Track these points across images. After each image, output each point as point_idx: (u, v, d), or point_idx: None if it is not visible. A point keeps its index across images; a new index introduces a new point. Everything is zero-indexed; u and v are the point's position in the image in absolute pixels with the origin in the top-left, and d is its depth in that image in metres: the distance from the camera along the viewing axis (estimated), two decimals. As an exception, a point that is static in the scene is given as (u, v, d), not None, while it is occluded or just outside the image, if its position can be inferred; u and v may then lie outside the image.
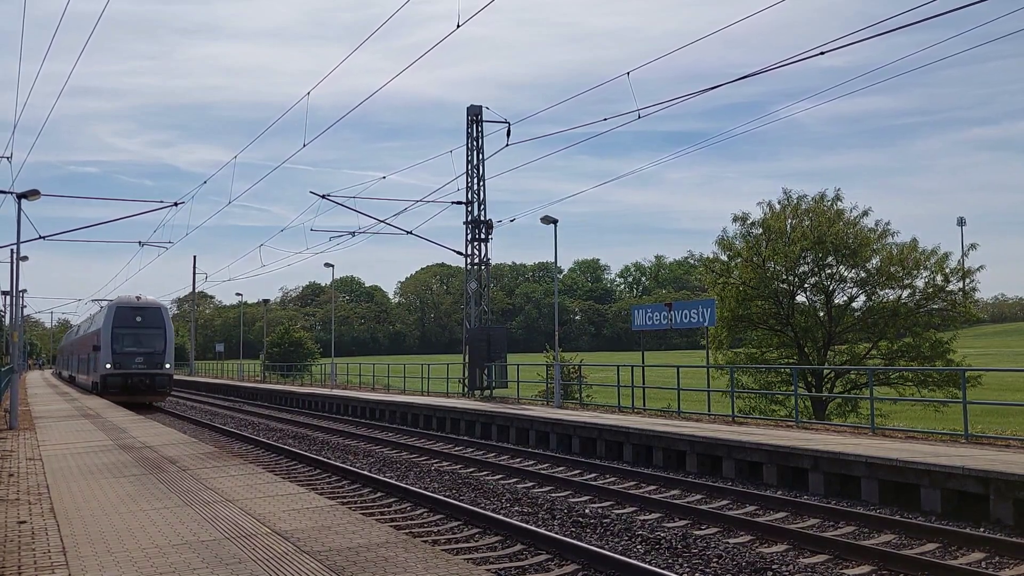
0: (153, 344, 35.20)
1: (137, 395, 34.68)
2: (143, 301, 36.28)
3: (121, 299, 36.35)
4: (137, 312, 35.46)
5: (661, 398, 25.65)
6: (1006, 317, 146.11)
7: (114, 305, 35.81)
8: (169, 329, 35.94)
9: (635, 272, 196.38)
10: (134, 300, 36.12)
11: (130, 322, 34.98)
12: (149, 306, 36.11)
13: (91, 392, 37.93)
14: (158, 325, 35.59)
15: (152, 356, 35.04)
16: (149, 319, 35.48)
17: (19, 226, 22.01)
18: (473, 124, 32.76)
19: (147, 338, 35.18)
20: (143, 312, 35.62)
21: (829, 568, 9.40)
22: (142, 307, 35.85)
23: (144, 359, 34.81)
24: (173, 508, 8.91)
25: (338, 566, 6.33)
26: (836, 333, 30.64)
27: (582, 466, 17.11)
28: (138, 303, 35.96)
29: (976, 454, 13.05)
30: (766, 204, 31.91)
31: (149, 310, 35.86)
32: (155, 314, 35.89)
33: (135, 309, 35.52)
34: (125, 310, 35.36)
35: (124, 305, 35.67)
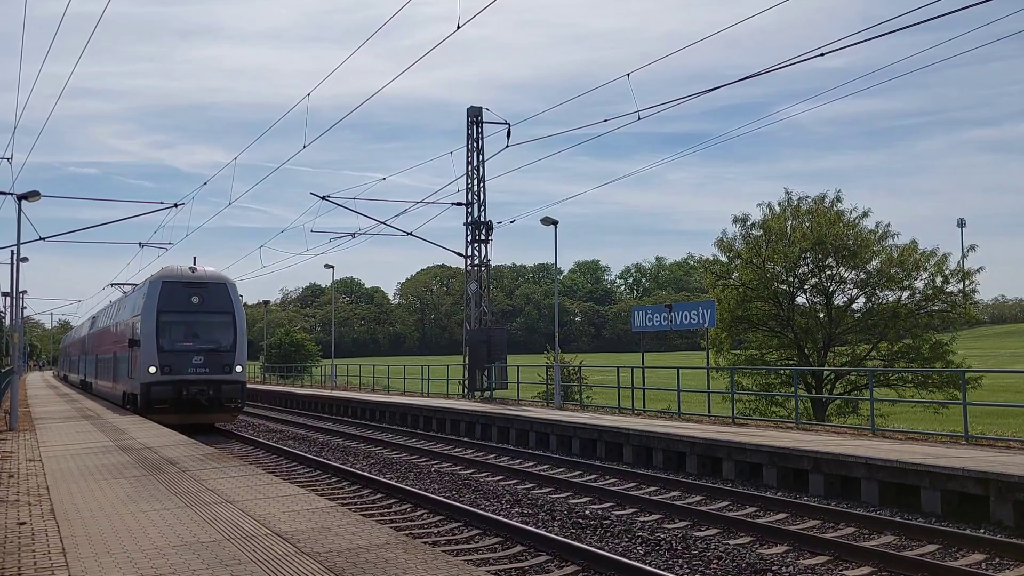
0: (218, 337, 24.16)
1: (195, 413, 23.70)
2: (201, 273, 24.90)
3: (169, 271, 24.86)
4: (194, 290, 24.27)
5: (661, 399, 25.64)
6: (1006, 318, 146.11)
7: (159, 279, 24.26)
8: (239, 315, 24.76)
9: (635, 273, 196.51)
10: (187, 272, 24.67)
11: (184, 304, 24.01)
12: (211, 281, 24.75)
13: (122, 407, 26.57)
14: (224, 308, 24.41)
15: (217, 355, 23.90)
16: (212, 300, 24.37)
17: (19, 227, 22.01)
18: (473, 125, 32.78)
19: (209, 328, 24.24)
20: (203, 290, 24.37)
21: (829, 569, 9.40)
22: (201, 283, 24.47)
23: (205, 359, 23.70)
24: (173, 509, 8.90)
25: (338, 567, 6.33)
26: (836, 334, 30.63)
27: (582, 467, 17.11)
28: (194, 276, 24.61)
29: (976, 455, 13.04)
30: (766, 205, 31.94)
31: (211, 287, 24.53)
32: (219, 293, 24.58)
33: (191, 286, 24.27)
34: (176, 287, 24.06)
35: (174, 279, 24.25)
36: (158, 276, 24.67)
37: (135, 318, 24.84)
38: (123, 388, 26.95)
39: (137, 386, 23.86)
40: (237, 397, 24.34)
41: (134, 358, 24.51)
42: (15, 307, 28.53)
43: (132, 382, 24.85)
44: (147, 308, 23.84)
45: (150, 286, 24.34)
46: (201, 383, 23.48)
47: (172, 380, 23.20)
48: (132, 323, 25.27)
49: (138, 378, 23.70)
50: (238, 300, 24.98)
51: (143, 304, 24.13)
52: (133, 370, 24.62)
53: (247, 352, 25.20)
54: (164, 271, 24.96)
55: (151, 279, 24.78)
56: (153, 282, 24.41)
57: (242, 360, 24.43)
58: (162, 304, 23.78)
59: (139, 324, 23.99)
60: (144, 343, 23.42)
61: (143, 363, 23.32)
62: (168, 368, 23.25)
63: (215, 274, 25.41)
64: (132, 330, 25.05)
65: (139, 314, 24.25)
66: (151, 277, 25.01)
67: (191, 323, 24.18)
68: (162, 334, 23.59)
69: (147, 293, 24.21)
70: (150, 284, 24.50)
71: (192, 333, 24.12)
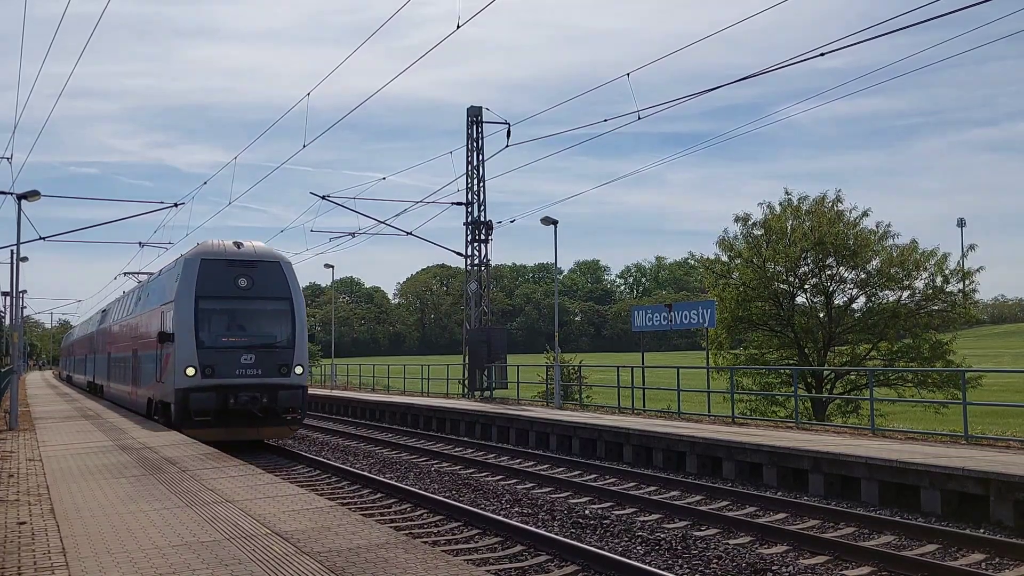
0: (272, 329, 19.32)
1: (245, 427, 18.87)
2: (249, 250, 19.73)
3: (209, 247, 19.69)
4: (241, 270, 19.22)
5: (661, 399, 25.64)
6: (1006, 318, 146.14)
7: (197, 256, 19.27)
8: (298, 301, 19.68)
9: (635, 273, 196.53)
10: (232, 248, 19.59)
11: (229, 287, 19.04)
12: (262, 258, 19.62)
13: (146, 417, 21.70)
14: (279, 293, 19.47)
15: (271, 352, 18.96)
16: (263, 282, 19.37)
17: (19, 227, 22.01)
18: (473, 125, 32.77)
19: (261, 318, 19.47)
20: (252, 270, 19.32)
21: (829, 569, 9.40)
22: (249, 261, 19.41)
23: (257, 359, 18.72)
24: (173, 509, 8.90)
25: (338, 567, 6.33)
26: (836, 334, 30.64)
27: (582, 467, 17.11)
28: (241, 253, 19.51)
29: (976, 455, 13.04)
30: (767, 205, 31.94)
31: (262, 266, 19.48)
32: (272, 274, 19.57)
33: (237, 265, 19.23)
34: (219, 266, 19.11)
35: (216, 256, 19.27)
36: (195, 253, 19.32)
37: (165, 307, 19.64)
38: (148, 394, 21.50)
39: (169, 392, 18.67)
40: (297, 406, 18.94)
41: (164, 357, 19.28)
42: (15, 307, 28.54)
43: (161, 387, 19.60)
44: (182, 293, 18.63)
45: (185, 266, 19.02)
46: (253, 388, 18.28)
47: (216, 385, 18.05)
48: (161, 313, 20.11)
49: (171, 382, 18.56)
50: (296, 283, 19.64)
51: (177, 288, 18.86)
52: (163, 372, 19.42)
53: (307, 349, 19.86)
54: (202, 247, 19.51)
55: (186, 257, 19.41)
56: (189, 261, 19.07)
57: (303, 358, 19.19)
58: (202, 288, 18.62)
59: (172, 314, 18.86)
60: (179, 338, 18.32)
61: (178, 363, 18.22)
62: (210, 370, 18.12)
63: (267, 250, 19.90)
64: (161, 322, 19.93)
65: (171, 301, 19.10)
66: (186, 254, 19.66)
67: (239, 312, 19.12)
68: (202, 326, 18.48)
69: (182, 275, 18.90)
70: (185, 263, 19.09)
71: (239, 325, 19.05)
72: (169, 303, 19.38)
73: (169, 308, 19.27)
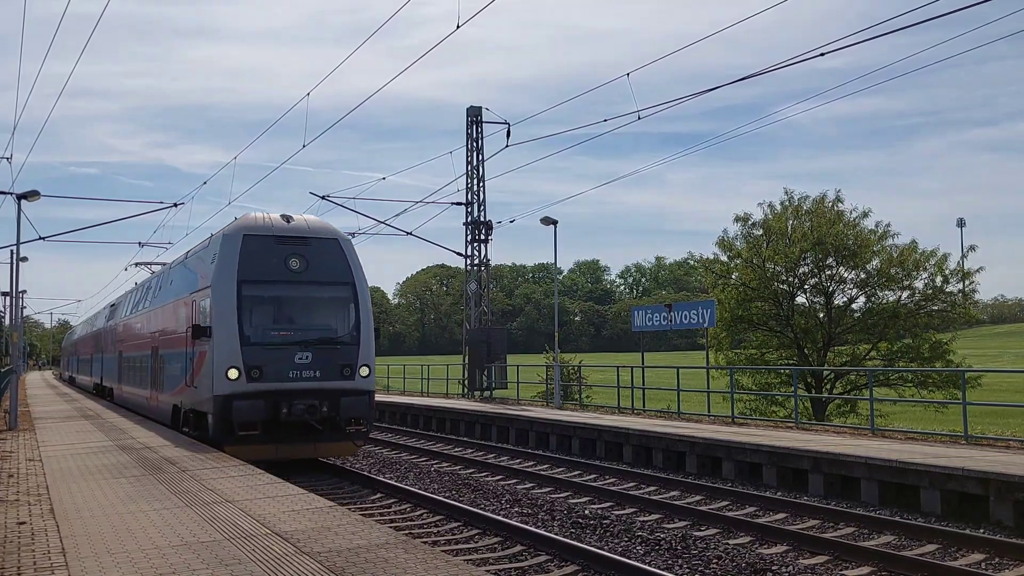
0: (333, 321, 16.15)
1: (300, 443, 15.34)
2: (301, 225, 16.28)
3: (252, 220, 16.13)
4: (293, 248, 15.83)
5: (661, 399, 25.65)
6: (1005, 318, 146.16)
7: (238, 232, 15.83)
8: (362, 287, 16.20)
9: (635, 273, 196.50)
10: (280, 222, 16.07)
11: (278, 270, 15.63)
12: (318, 235, 16.26)
13: (172, 428, 18.15)
14: (339, 277, 16.08)
15: (332, 350, 15.57)
16: (321, 263, 16.00)
17: (19, 227, 22.01)
18: (473, 125, 32.77)
19: (319, 308, 16.31)
20: (306, 249, 15.95)
21: (829, 569, 9.40)
22: (302, 237, 16.02)
23: (315, 358, 15.30)
24: (173, 509, 8.90)
25: (338, 567, 6.33)
26: (836, 334, 30.66)
27: (582, 467, 17.11)
28: (292, 228, 16.07)
29: (976, 455, 13.04)
30: (767, 205, 31.96)
31: (318, 244, 16.13)
32: (331, 253, 16.18)
33: (287, 242, 15.84)
34: (265, 244, 15.71)
35: (262, 231, 15.83)
36: (236, 228, 15.76)
37: (198, 295, 16.22)
38: (174, 401, 17.96)
39: (205, 399, 15.17)
40: (363, 415, 15.53)
41: (197, 356, 15.69)
42: (15, 307, 28.54)
43: (193, 393, 16.07)
44: (221, 277, 15.12)
45: (223, 243, 15.51)
46: (310, 394, 14.82)
47: (265, 391, 14.61)
48: (191, 303, 16.60)
49: (206, 387, 15.05)
50: (358, 264, 16.18)
51: (214, 271, 15.35)
52: (196, 374, 15.79)
53: (374, 345, 16.09)
54: (243, 221, 15.95)
55: (224, 232, 15.92)
56: (229, 237, 15.55)
57: (369, 357, 15.71)
58: (246, 270, 15.15)
59: (208, 303, 15.37)
60: (218, 332, 14.84)
61: (217, 364, 14.70)
62: (257, 372, 14.63)
63: (322, 224, 16.45)
64: (192, 313, 16.36)
65: (205, 287, 15.67)
66: (224, 229, 16.15)
67: (291, 300, 15.76)
68: (247, 318, 15.06)
69: (220, 254, 15.41)
70: (223, 240, 15.59)
71: (292, 316, 15.74)
72: (202, 290, 15.90)
73: (203, 296, 15.78)
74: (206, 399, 15.19)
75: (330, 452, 16.28)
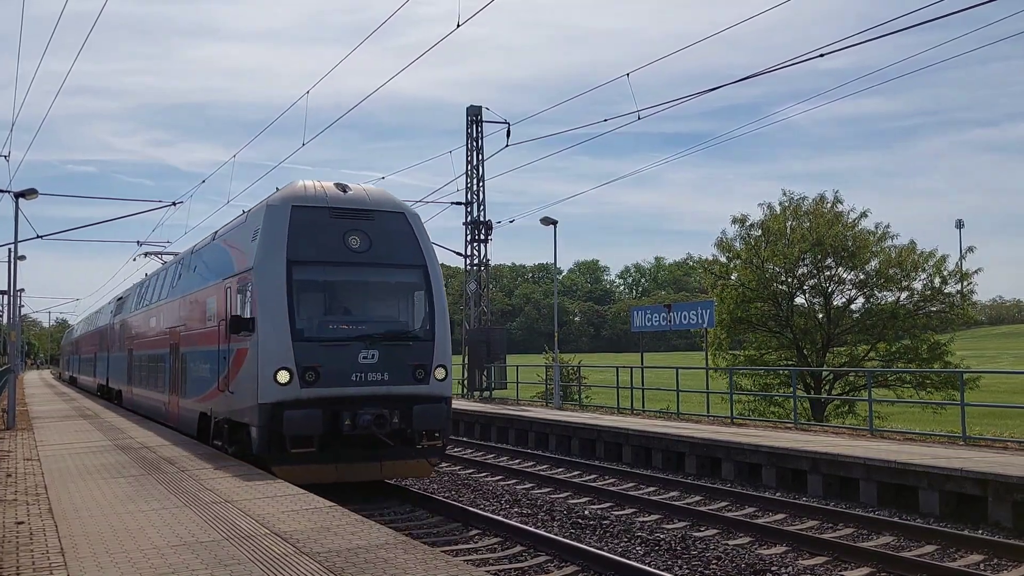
0: (401, 313, 13.68)
1: (364, 460, 12.67)
2: (359, 195, 13.58)
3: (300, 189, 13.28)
4: (352, 223, 13.12)
5: (660, 400, 25.66)
6: (1004, 319, 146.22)
7: (285, 202, 12.98)
8: (435, 271, 13.56)
9: (634, 273, 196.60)
10: (334, 192, 13.37)
11: (335, 248, 12.95)
12: (381, 207, 13.55)
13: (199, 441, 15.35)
14: (410, 259, 13.42)
15: (403, 347, 12.87)
16: (385, 242, 13.29)
17: (17, 225, 22.00)
18: (473, 125, 32.76)
19: (385, 296, 13.74)
20: (367, 224, 13.25)
21: (828, 570, 9.41)
22: (362, 210, 13.33)
23: (382, 357, 12.59)
24: (172, 509, 8.89)
25: (337, 567, 6.32)
26: (835, 335, 30.67)
27: (581, 467, 17.11)
28: (349, 199, 13.36)
29: (974, 456, 13.05)
30: (766, 206, 31.97)
31: (382, 218, 13.43)
32: (397, 230, 13.49)
33: (345, 215, 13.14)
34: (318, 217, 12.98)
35: (314, 203, 13.05)
36: (282, 198, 12.95)
37: (234, 281, 13.45)
38: (202, 408, 15.26)
39: (247, 408, 12.49)
40: (439, 427, 12.81)
41: (235, 355, 13.06)
42: (12, 305, 28.49)
43: (229, 400, 13.35)
44: (267, 257, 12.39)
45: (268, 216, 12.70)
46: (377, 402, 12.22)
47: (322, 397, 12.00)
48: (225, 291, 13.91)
49: (248, 393, 12.37)
50: (429, 244, 13.58)
51: (257, 250, 12.61)
52: (232, 377, 13.15)
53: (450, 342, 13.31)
54: (291, 190, 13.15)
55: (268, 203, 13.00)
56: (275, 208, 12.76)
57: (445, 356, 12.99)
58: (296, 248, 12.45)
59: (250, 290, 12.64)
60: (264, 326, 12.15)
61: (263, 364, 12.01)
62: (313, 374, 12.02)
63: (385, 195, 13.78)
64: (226, 303, 13.76)
65: (246, 270, 12.90)
66: (268, 200, 13.22)
67: (352, 287, 13.14)
68: (301, 308, 12.41)
69: (264, 229, 12.63)
70: (268, 213, 12.76)
71: (354, 306, 13.08)
72: (240, 275, 13.14)
73: (241, 282, 13.02)
74: (247, 407, 12.37)
75: (399, 472, 13.25)
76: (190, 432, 16.13)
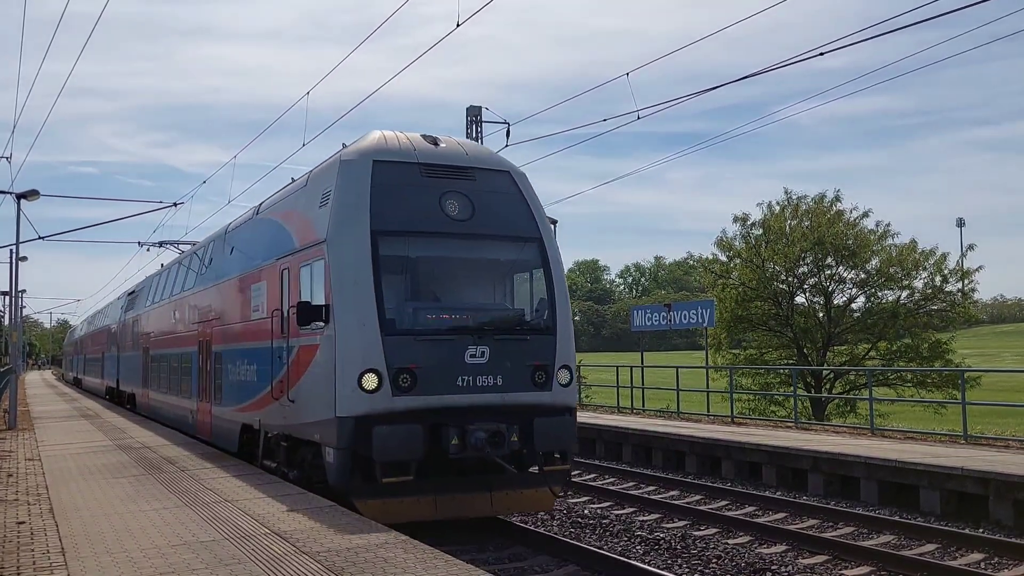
0: (512, 296, 10.98)
1: (473, 490, 9.88)
2: (456, 149, 10.80)
3: (380, 141, 10.48)
4: (449, 184, 10.29)
5: (660, 399, 25.65)
6: (1005, 318, 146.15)
7: (367, 157, 10.14)
8: (551, 245, 10.68)
9: (634, 273, 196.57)
10: (425, 145, 10.56)
11: (430, 217, 10.04)
12: (481, 165, 10.75)
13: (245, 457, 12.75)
14: (523, 230, 10.55)
15: (518, 344, 10.01)
16: (491, 207, 10.42)
17: (18, 226, 22.02)
18: (472, 124, 32.72)
19: (494, 277, 10.99)
20: (469, 184, 10.41)
21: (828, 569, 9.41)
22: (461, 167, 10.52)
23: (492, 356, 9.70)
24: (172, 509, 8.90)
25: (337, 567, 6.32)
26: (835, 334, 30.66)
27: (581, 466, 17.10)
28: (443, 153, 10.57)
29: (975, 455, 13.05)
30: (766, 205, 31.96)
31: (485, 178, 10.61)
32: (504, 193, 10.66)
33: (438, 174, 10.32)
34: (407, 174, 10.15)
35: (400, 158, 10.25)
36: (359, 152, 10.38)
37: (294, 259, 10.87)
38: (246, 418, 12.64)
39: (320, 423, 9.78)
40: (565, 447, 10.23)
41: (298, 353, 10.49)
42: (14, 306, 28.52)
43: (289, 410, 10.64)
44: (344, 224, 9.86)
45: (344, 174, 10.13)
46: (491, 414, 9.63)
47: (423, 409, 9.44)
48: (283, 272, 11.18)
49: (320, 402, 9.77)
50: (543, 212, 10.97)
51: (331, 217, 9.99)
52: (293, 382, 10.56)
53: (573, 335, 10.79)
54: (370, 142, 10.58)
55: (343, 159, 10.36)
56: (351, 165, 10.19)
57: (569, 354, 10.39)
58: (382, 215, 9.87)
59: (318, 268, 10.07)
60: (343, 313, 9.55)
61: (342, 364, 9.44)
62: (409, 378, 9.44)
63: (485, 151, 11.71)
64: (286, 286, 11.04)
65: (314, 243, 10.27)
66: (342, 154, 10.58)
67: (454, 265, 10.65)
68: (390, 292, 9.80)
69: (339, 189, 10.07)
70: (343, 170, 10.17)
71: (454, 289, 10.66)
72: (305, 251, 10.45)
73: (307, 260, 10.35)
74: (318, 422, 9.69)
75: (516, 506, 10.32)
76: (227, 447, 13.63)
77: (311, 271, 10.28)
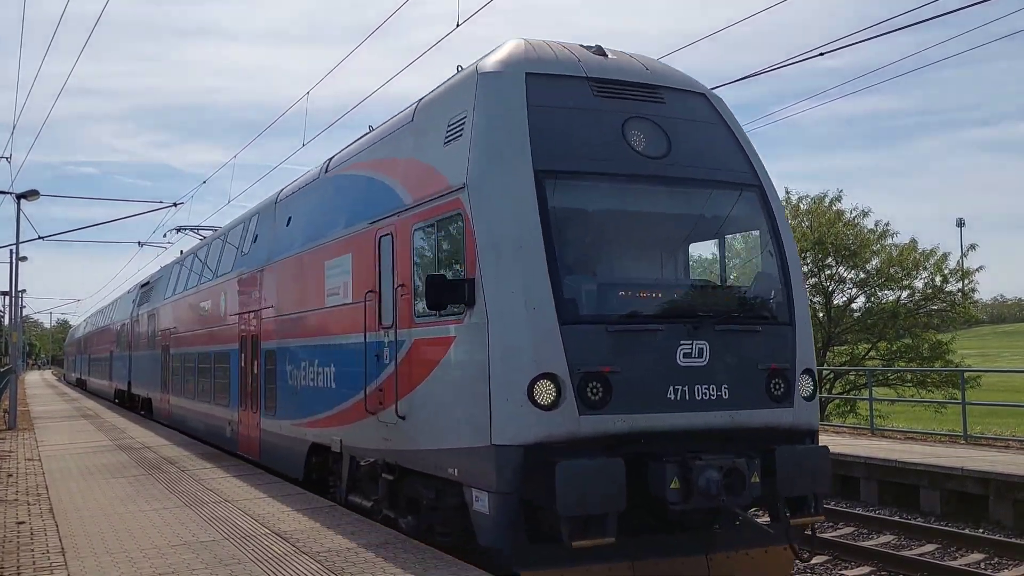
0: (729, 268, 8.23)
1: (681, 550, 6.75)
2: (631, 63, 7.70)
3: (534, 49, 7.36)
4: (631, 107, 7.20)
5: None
6: (1005, 318, 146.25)
7: (519, 67, 7.09)
8: (773, 195, 7.78)
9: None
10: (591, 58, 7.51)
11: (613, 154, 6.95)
12: (667, 83, 7.62)
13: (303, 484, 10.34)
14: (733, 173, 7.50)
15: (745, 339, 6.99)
16: (688, 142, 7.31)
17: (18, 226, 22.06)
18: (473, 125, 32.67)
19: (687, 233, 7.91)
20: (656, 110, 7.30)
21: (828, 569, 9.41)
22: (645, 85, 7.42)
23: (713, 355, 6.70)
24: (172, 509, 8.90)
25: (337, 567, 6.32)
26: (835, 334, 30.64)
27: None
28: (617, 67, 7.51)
29: (975, 455, 13.05)
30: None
31: (674, 100, 7.50)
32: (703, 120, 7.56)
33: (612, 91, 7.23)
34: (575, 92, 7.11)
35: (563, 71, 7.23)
36: (505, 62, 7.28)
37: (406, 220, 7.90)
38: (318, 436, 9.98)
39: (466, 454, 6.69)
40: (818, 486, 7.14)
41: (412, 350, 7.59)
42: (14, 306, 28.55)
43: (398, 431, 7.69)
44: (492, 162, 6.79)
45: (484, 90, 7.08)
46: (713, 439, 6.73)
47: (620, 433, 6.43)
48: (380, 240, 8.40)
49: (457, 423, 6.84)
50: (754, 150, 7.91)
51: (471, 152, 6.91)
52: (404, 389, 7.63)
53: None
54: (516, 49, 7.44)
55: (482, 71, 7.26)
56: (495, 79, 7.15)
57: (809, 352, 7.43)
58: (546, 149, 6.81)
59: (471, 224, 6.70)
60: (498, 291, 6.48)
61: (498, 366, 6.38)
62: (599, 388, 6.40)
63: (669, 68, 8.18)
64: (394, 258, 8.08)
65: (444, 192, 7.18)
66: (478, 65, 7.43)
67: (651, 223, 7.70)
68: (566, 261, 6.69)
69: (480, 113, 7.01)
70: (482, 85, 7.12)
71: (652, 256, 8.00)
72: (428, 205, 7.50)
73: (434, 218, 7.42)
74: (461, 450, 6.82)
75: (744, 572, 7.26)
76: (286, 471, 10.96)
77: (436, 234, 7.35)
